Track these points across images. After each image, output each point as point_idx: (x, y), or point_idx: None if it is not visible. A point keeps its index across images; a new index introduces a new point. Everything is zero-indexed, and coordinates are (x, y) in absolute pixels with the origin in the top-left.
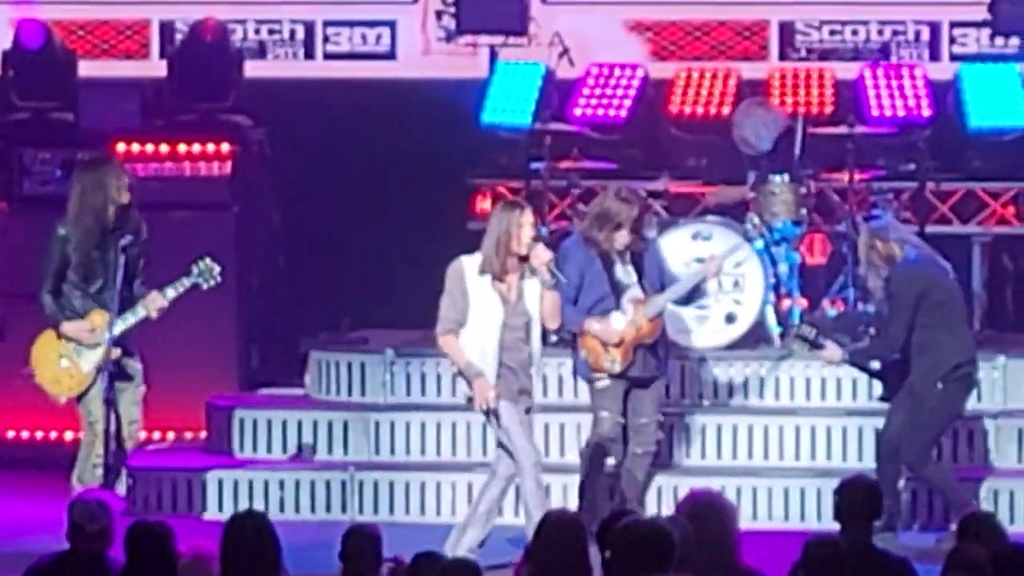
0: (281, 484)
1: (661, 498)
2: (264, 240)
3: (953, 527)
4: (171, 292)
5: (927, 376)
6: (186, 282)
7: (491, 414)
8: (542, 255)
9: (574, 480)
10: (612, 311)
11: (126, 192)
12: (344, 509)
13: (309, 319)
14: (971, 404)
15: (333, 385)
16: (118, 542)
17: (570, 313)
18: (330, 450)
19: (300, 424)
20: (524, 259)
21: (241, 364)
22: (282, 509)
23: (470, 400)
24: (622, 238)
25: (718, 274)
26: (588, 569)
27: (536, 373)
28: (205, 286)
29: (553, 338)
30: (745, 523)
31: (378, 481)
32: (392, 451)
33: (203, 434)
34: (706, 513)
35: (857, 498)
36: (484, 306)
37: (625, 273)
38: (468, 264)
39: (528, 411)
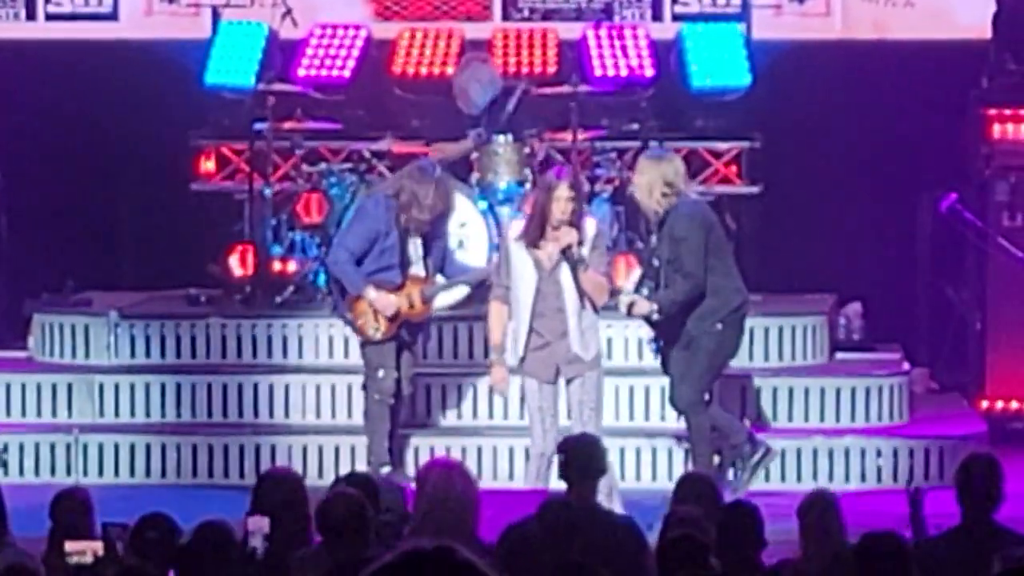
0: (5, 447)
1: (418, 458)
2: None
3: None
4: None
5: (705, 318)
6: None
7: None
8: (563, 238)
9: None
10: (395, 282)
11: None
12: (68, 471)
13: (32, 281)
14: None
15: (57, 347)
16: None
17: (352, 274)
18: (54, 412)
19: (24, 387)
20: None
21: None
22: (5, 472)
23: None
24: (426, 218)
25: None
26: (307, 520)
27: (582, 342)
28: None
29: None
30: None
31: (103, 443)
32: (116, 413)
33: None
34: (444, 483)
35: (582, 456)
36: (520, 271)
37: (414, 248)
38: (512, 229)
39: (571, 380)
